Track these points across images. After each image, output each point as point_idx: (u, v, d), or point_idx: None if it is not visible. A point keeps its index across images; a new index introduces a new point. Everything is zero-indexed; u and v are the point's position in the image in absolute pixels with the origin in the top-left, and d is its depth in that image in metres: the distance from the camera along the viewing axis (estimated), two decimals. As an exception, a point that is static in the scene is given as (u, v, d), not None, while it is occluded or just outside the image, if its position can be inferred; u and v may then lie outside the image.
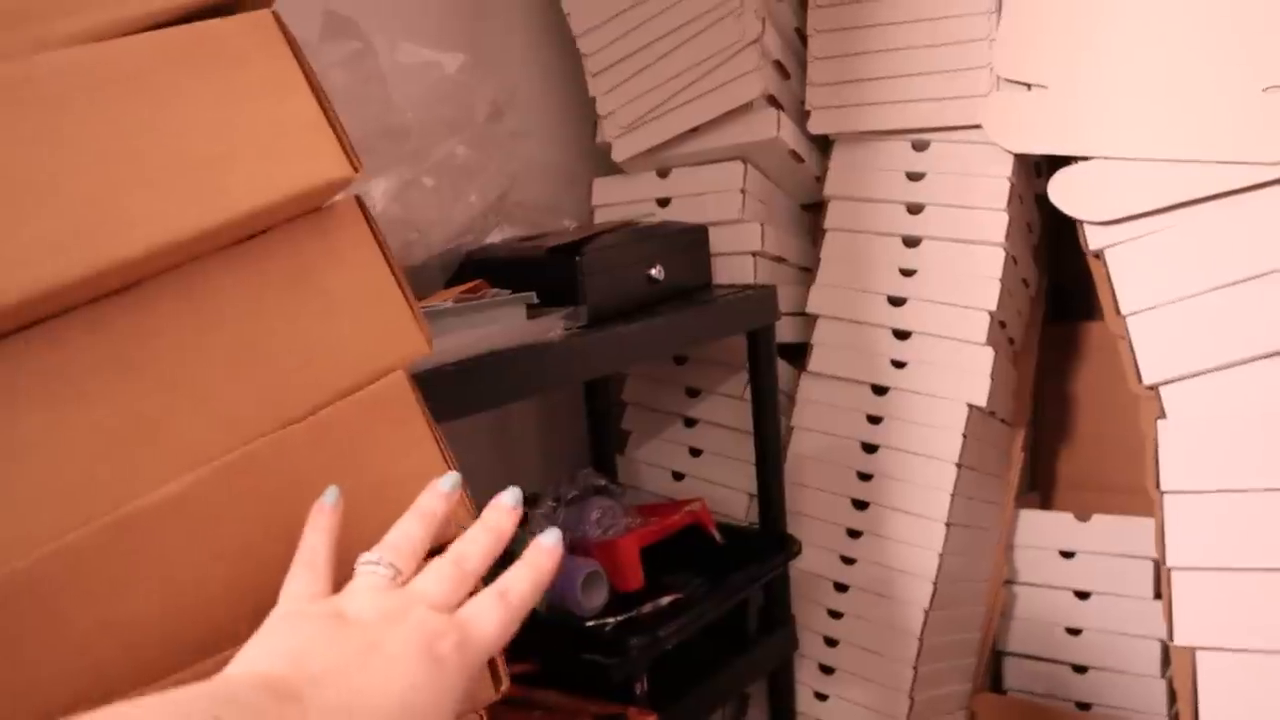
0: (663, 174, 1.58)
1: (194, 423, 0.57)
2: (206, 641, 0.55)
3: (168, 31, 0.55)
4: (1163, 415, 1.31)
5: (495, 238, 1.38)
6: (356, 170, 0.60)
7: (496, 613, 0.54)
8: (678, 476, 1.67)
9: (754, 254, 1.51)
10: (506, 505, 0.61)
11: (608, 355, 1.21)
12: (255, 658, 0.49)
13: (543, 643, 1.22)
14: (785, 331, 1.57)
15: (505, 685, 0.65)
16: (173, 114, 0.54)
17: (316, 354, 0.61)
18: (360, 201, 0.64)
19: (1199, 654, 1.27)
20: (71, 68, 0.52)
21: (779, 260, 1.57)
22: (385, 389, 0.63)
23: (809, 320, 1.59)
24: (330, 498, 0.58)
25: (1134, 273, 1.33)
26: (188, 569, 0.56)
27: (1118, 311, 1.34)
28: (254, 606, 0.58)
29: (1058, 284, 1.77)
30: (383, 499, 0.63)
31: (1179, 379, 1.30)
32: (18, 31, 0.51)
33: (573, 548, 1.37)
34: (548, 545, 0.59)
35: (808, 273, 1.62)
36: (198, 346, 0.57)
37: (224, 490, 0.57)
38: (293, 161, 0.57)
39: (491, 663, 0.66)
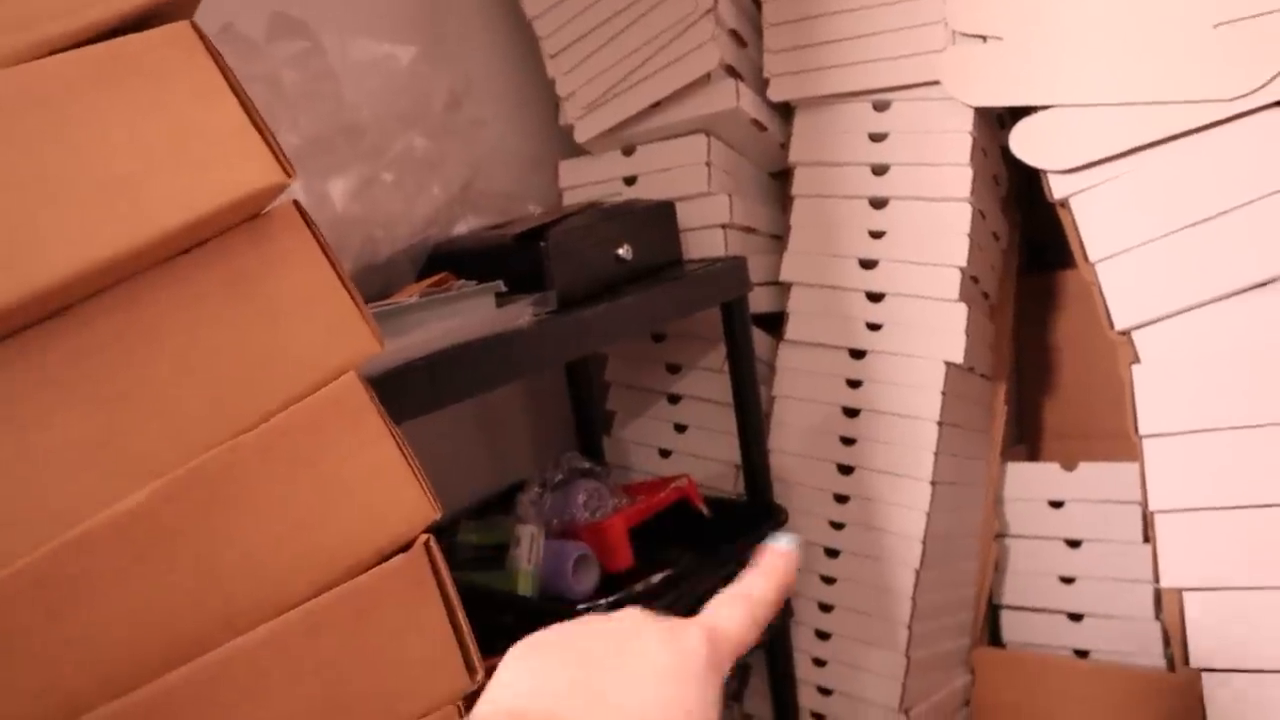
0: (627, 152, 1.58)
1: (143, 438, 0.57)
2: (172, 654, 0.56)
3: (84, 50, 0.55)
4: (1137, 360, 1.32)
5: (462, 228, 1.38)
6: (289, 175, 0.60)
7: (739, 610, 0.51)
8: (664, 453, 1.68)
9: (723, 226, 1.51)
10: (782, 549, 0.57)
11: (579, 338, 1.21)
12: (497, 696, 0.45)
13: (535, 629, 1.23)
14: (761, 301, 1.57)
15: (480, 676, 0.66)
16: (90, 133, 0.54)
17: (264, 361, 0.61)
18: (299, 206, 0.64)
19: (1185, 595, 1.28)
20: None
21: (749, 230, 1.57)
22: (337, 391, 0.63)
23: (783, 289, 1.59)
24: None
25: (1099, 219, 1.33)
26: (149, 582, 0.56)
27: (1086, 259, 1.34)
28: (218, 615, 0.58)
29: (1032, 236, 1.77)
30: (340, 501, 0.63)
31: (1150, 322, 1.31)
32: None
33: (561, 532, 1.37)
34: (783, 549, 0.56)
35: (779, 240, 1.62)
36: (139, 362, 0.57)
37: (180, 502, 0.58)
38: (220, 172, 0.57)
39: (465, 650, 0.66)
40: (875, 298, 1.51)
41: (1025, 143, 1.35)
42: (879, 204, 1.50)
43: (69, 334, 0.55)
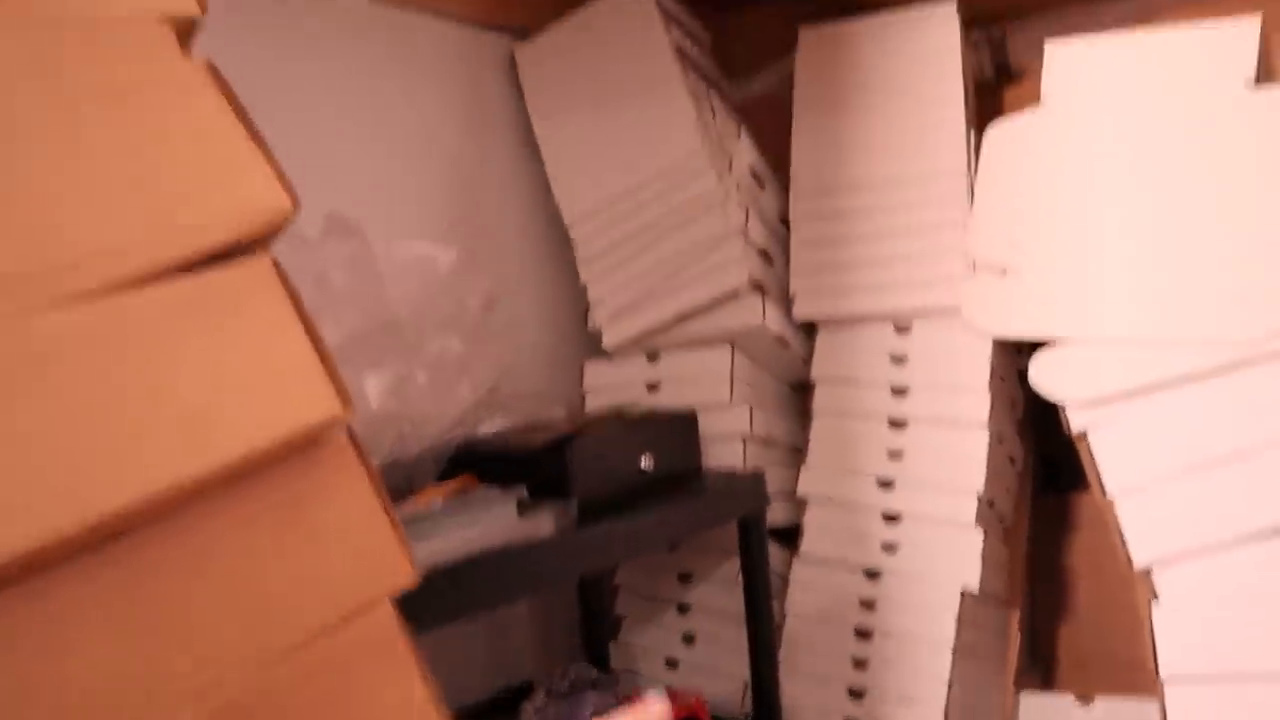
0: (652, 358, 1.61)
1: (184, 665, 0.56)
2: None
3: (168, 285, 0.57)
4: (1156, 597, 1.31)
5: (487, 428, 1.39)
6: (347, 407, 0.61)
7: None
8: (671, 664, 1.65)
9: (743, 438, 1.52)
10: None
11: (599, 552, 1.21)
12: None
13: None
14: (776, 514, 1.57)
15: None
16: (168, 364, 0.56)
17: (306, 588, 0.61)
18: (352, 433, 0.65)
19: None
20: (69, 328, 0.53)
21: (768, 443, 1.58)
22: (372, 623, 0.63)
23: (800, 502, 1.59)
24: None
25: (1117, 454, 1.34)
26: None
27: (1104, 492, 1.35)
28: None
29: (1045, 455, 1.78)
30: (368, 736, 0.62)
31: (1171, 560, 1.30)
32: (28, 288, 0.53)
33: (566, 745, 1.34)
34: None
35: (797, 453, 1.63)
36: (189, 590, 0.57)
37: (210, 736, 0.56)
38: (285, 405, 0.59)
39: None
40: (892, 518, 1.51)
41: (1044, 375, 1.38)
42: (898, 424, 1.51)
43: (121, 560, 0.55)
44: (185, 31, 0.64)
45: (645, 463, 1.34)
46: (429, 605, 0.98)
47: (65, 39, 0.59)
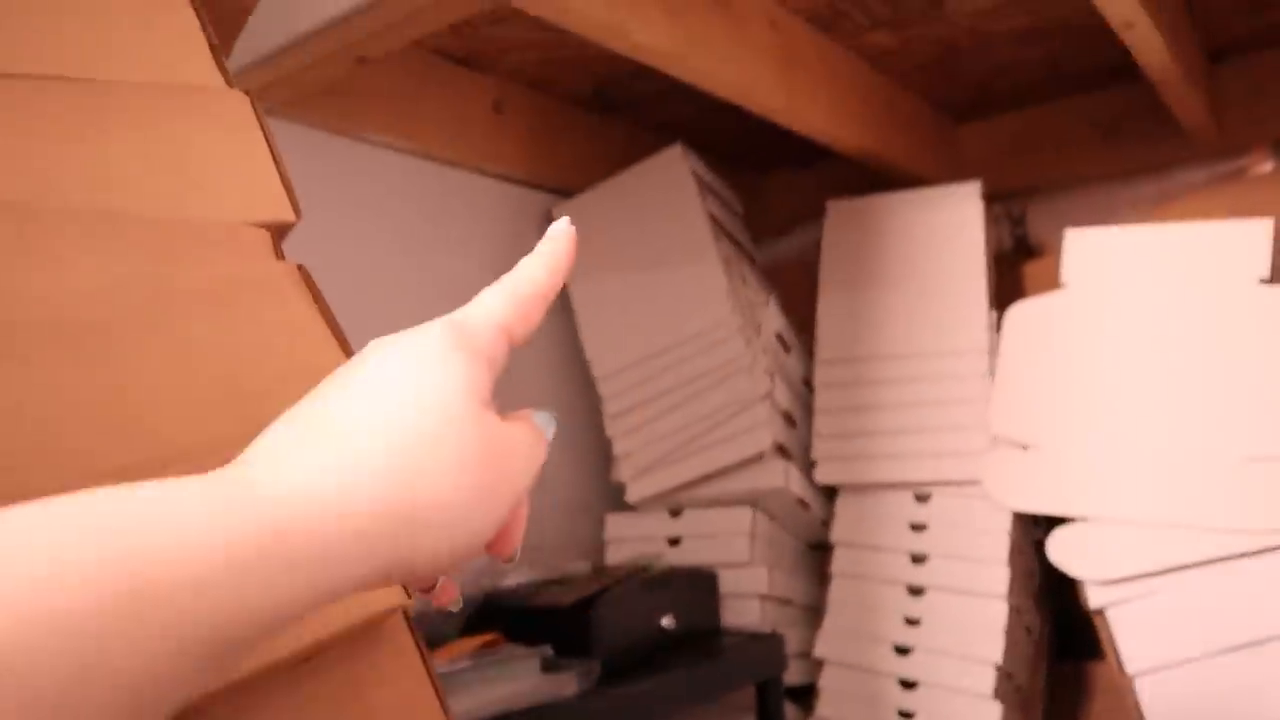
0: (674, 514, 1.64)
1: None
2: None
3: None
4: (1176, 780, 1.31)
5: (512, 580, 1.41)
6: (411, 598, 0.64)
7: (494, 291, 0.47)
8: (683, 822, 1.63)
9: (761, 597, 1.54)
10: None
11: (621, 713, 1.22)
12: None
13: None
14: (792, 673, 1.57)
15: None
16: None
17: (357, 772, 0.63)
18: (406, 615, 0.68)
19: None
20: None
21: (785, 602, 1.60)
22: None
23: (815, 662, 1.60)
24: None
25: (1137, 633, 1.36)
26: None
27: (1122, 670, 1.36)
28: None
29: (1062, 621, 1.79)
30: None
31: (1189, 745, 1.30)
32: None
33: None
34: (560, 229, 0.50)
35: (814, 612, 1.64)
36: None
37: None
38: (358, 599, 0.62)
39: None
40: (909, 685, 1.51)
41: (1063, 551, 1.40)
42: (916, 591, 1.53)
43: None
44: (280, 234, 0.69)
45: (667, 622, 1.36)
46: (455, 768, 0.99)
47: (171, 244, 0.64)
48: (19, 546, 0.29)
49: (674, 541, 1.63)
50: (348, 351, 0.66)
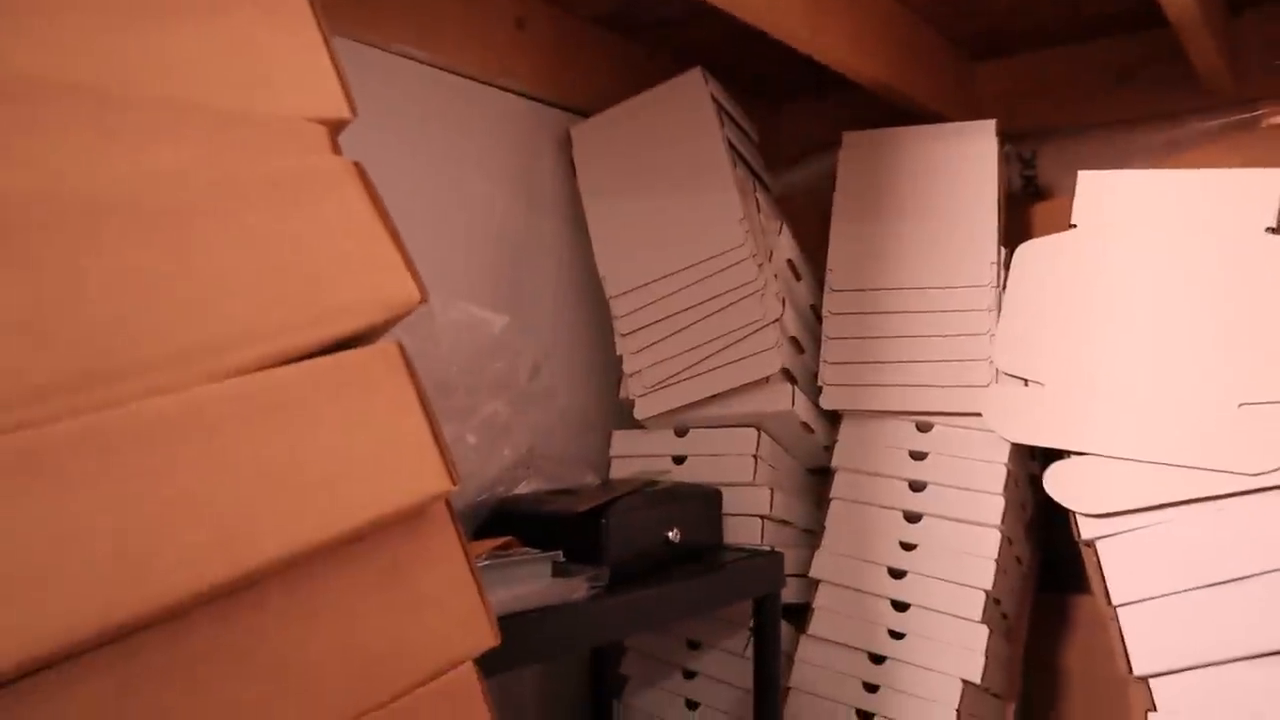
0: (680, 433, 1.67)
1: (294, 708, 0.62)
2: None
3: (311, 363, 0.63)
4: (1153, 708, 1.36)
5: (522, 488, 1.45)
6: (454, 484, 0.67)
7: None
8: (674, 728, 1.69)
9: (762, 517, 1.58)
10: None
11: (626, 618, 1.27)
12: None
13: None
14: (788, 592, 1.62)
15: None
16: (306, 437, 0.62)
17: (404, 645, 0.67)
18: (449, 504, 0.72)
19: None
20: (228, 397, 0.60)
21: (785, 524, 1.65)
22: (459, 680, 0.69)
23: (811, 583, 1.65)
24: None
25: (1123, 565, 1.40)
26: None
27: (1108, 600, 1.40)
28: None
29: (1049, 555, 1.84)
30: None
31: (1168, 673, 1.35)
32: (192, 363, 0.59)
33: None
34: None
35: (812, 535, 1.69)
36: (304, 640, 0.63)
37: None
38: (402, 478, 0.65)
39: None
40: (900, 607, 1.56)
41: (1058, 483, 1.44)
42: (913, 518, 1.58)
43: (251, 609, 0.61)
44: (337, 131, 0.71)
45: (672, 535, 1.40)
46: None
47: (237, 136, 0.66)
48: None
49: (679, 460, 1.67)
50: (399, 245, 0.69)
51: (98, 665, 0.55)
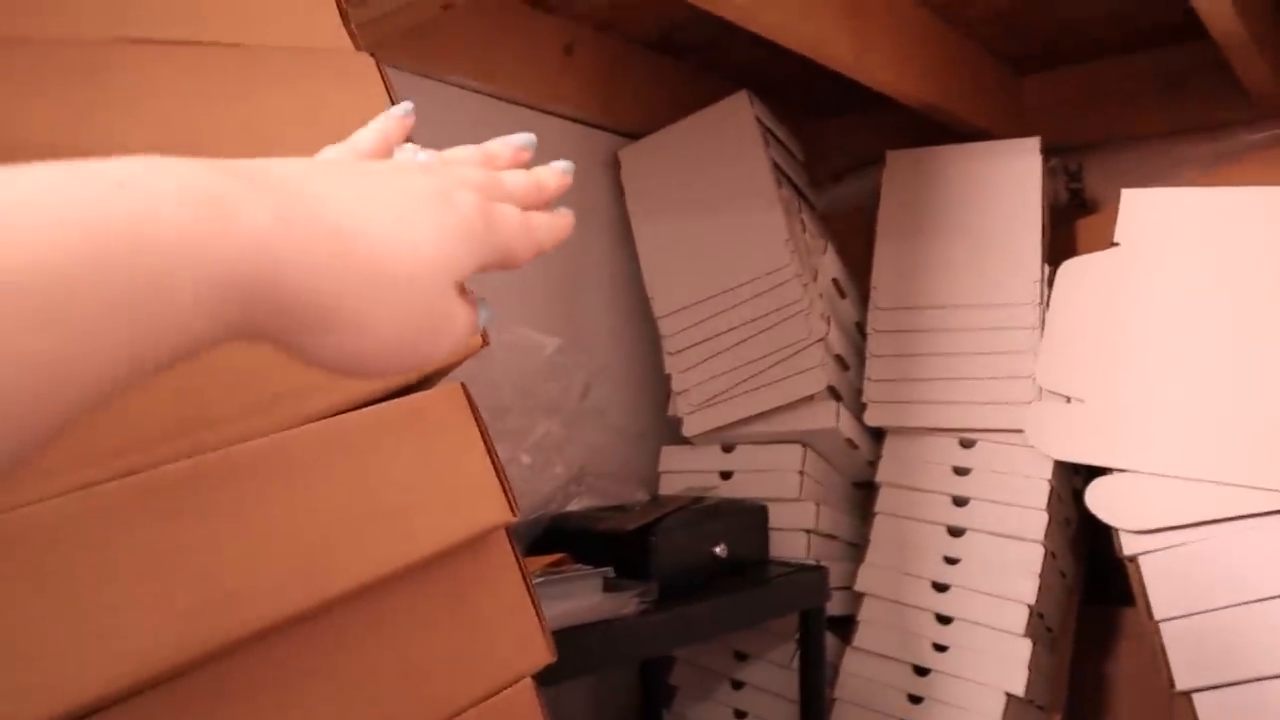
0: (727, 449, 1.71)
1: (365, 722, 0.68)
2: None
3: (382, 406, 0.69)
4: (1195, 721, 1.38)
5: (575, 505, 1.50)
6: (514, 515, 0.72)
7: (518, 216, 0.51)
8: (723, 737, 1.74)
9: (808, 531, 1.62)
10: (559, 168, 0.58)
11: (675, 632, 1.31)
12: None
13: None
14: (833, 605, 1.66)
15: None
16: (378, 474, 0.67)
17: (465, 665, 0.72)
18: (509, 532, 0.76)
19: None
20: (309, 439, 0.65)
21: (831, 538, 1.68)
22: (518, 696, 0.74)
23: (856, 596, 1.68)
24: (403, 109, 0.60)
25: (1165, 581, 1.42)
26: None
27: (1150, 615, 1.42)
28: None
29: (1095, 566, 1.85)
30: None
31: (1210, 688, 1.37)
32: (276, 411, 0.65)
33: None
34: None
35: (857, 549, 1.72)
36: (372, 660, 0.68)
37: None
38: (467, 511, 0.70)
39: None
40: (944, 620, 1.59)
41: (1101, 500, 1.47)
42: (956, 533, 1.61)
43: (325, 633, 0.66)
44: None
45: (720, 550, 1.45)
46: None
47: (265, 63, 0.71)
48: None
49: (726, 475, 1.71)
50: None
51: (192, 688, 0.60)
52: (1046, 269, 1.64)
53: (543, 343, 1.49)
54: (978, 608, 1.57)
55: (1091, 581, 1.87)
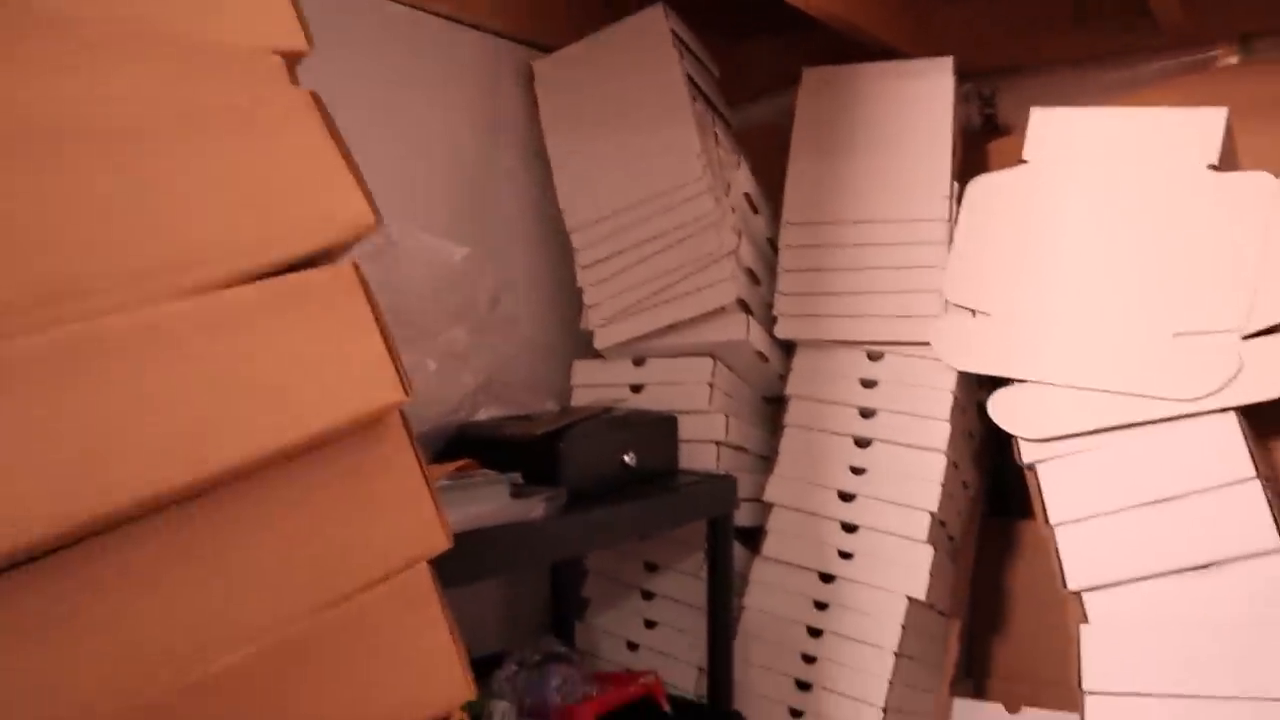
0: (638, 362, 1.72)
1: (247, 607, 0.67)
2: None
3: (268, 281, 0.67)
4: (1086, 619, 1.43)
5: (483, 414, 1.49)
6: (407, 395, 0.72)
7: None
8: (632, 646, 1.76)
9: (718, 443, 1.64)
10: None
11: (583, 537, 1.32)
12: None
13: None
14: (742, 516, 1.68)
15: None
16: (263, 351, 0.66)
17: (359, 547, 0.71)
18: (403, 414, 0.76)
19: None
20: (189, 314, 0.64)
21: (740, 450, 1.70)
22: (412, 581, 0.74)
23: (765, 507, 1.71)
24: None
25: (1062, 487, 1.46)
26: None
27: (1046, 520, 1.47)
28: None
29: (998, 480, 1.91)
30: (398, 675, 0.72)
31: (1101, 586, 1.43)
32: (154, 281, 0.63)
33: (532, 712, 1.44)
34: None
35: (766, 461, 1.74)
36: (259, 543, 0.67)
37: (270, 665, 0.67)
38: (357, 389, 0.69)
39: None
40: (850, 528, 1.63)
41: (1002, 409, 1.50)
42: (863, 443, 1.63)
43: (209, 512, 0.65)
44: (294, 62, 0.74)
45: (629, 459, 1.45)
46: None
47: (196, 64, 0.69)
48: None
49: (637, 388, 1.71)
50: (354, 170, 0.72)
51: (61, 566, 0.59)
52: (956, 186, 1.66)
53: (450, 251, 1.47)
54: (882, 516, 1.61)
55: (994, 496, 1.93)
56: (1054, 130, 1.59)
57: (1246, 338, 1.40)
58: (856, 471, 1.63)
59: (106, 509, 0.58)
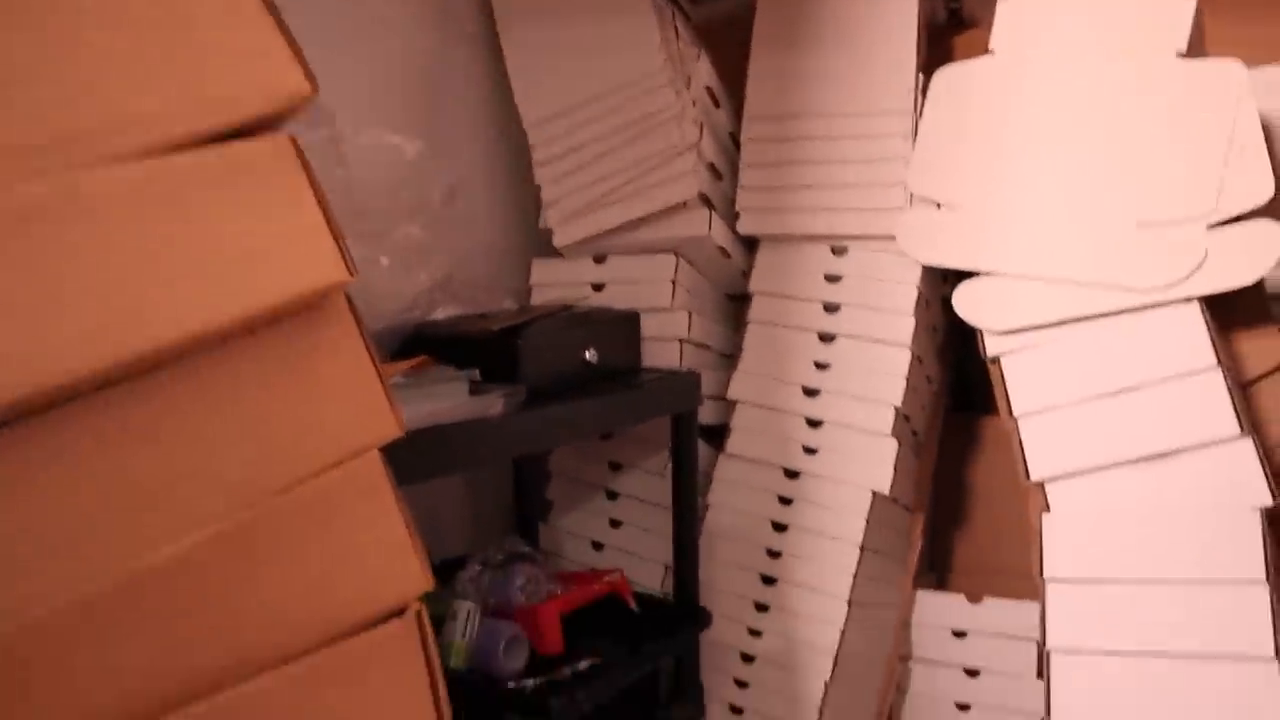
0: (599, 260, 1.68)
1: (194, 491, 0.64)
2: (199, 687, 0.62)
3: (201, 151, 0.63)
4: (1047, 509, 1.44)
5: (441, 313, 1.46)
6: (351, 275, 0.68)
7: None
8: (597, 546, 1.76)
9: (681, 341, 1.62)
10: None
11: (542, 433, 1.30)
12: None
13: (465, 703, 1.28)
14: (706, 414, 1.67)
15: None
16: (197, 224, 0.63)
17: (307, 432, 0.69)
18: (349, 299, 0.73)
19: (1072, 733, 1.38)
20: (116, 182, 0.60)
21: (703, 347, 1.68)
22: (363, 468, 0.71)
23: (729, 404, 1.70)
24: None
25: (1025, 379, 1.46)
26: (183, 620, 0.63)
27: (1010, 412, 1.47)
28: (233, 656, 0.65)
29: (962, 376, 1.91)
30: (352, 564, 0.71)
31: (1063, 476, 1.43)
32: (76, 147, 0.59)
33: (496, 611, 1.44)
34: None
35: (730, 359, 1.73)
36: (204, 425, 0.64)
37: (218, 550, 0.65)
38: (299, 267, 0.66)
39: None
40: (814, 424, 1.62)
41: (966, 302, 1.49)
42: (827, 339, 1.62)
43: (150, 393, 0.62)
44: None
45: (590, 355, 1.43)
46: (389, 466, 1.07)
47: None
48: None
49: (598, 287, 1.68)
50: (290, 40, 0.68)
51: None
52: (921, 78, 1.63)
53: (402, 146, 1.42)
54: (846, 410, 1.60)
55: (957, 391, 1.93)
56: (1021, 19, 1.56)
57: (1212, 227, 1.39)
58: (820, 367, 1.62)
59: (27, 390, 0.55)
